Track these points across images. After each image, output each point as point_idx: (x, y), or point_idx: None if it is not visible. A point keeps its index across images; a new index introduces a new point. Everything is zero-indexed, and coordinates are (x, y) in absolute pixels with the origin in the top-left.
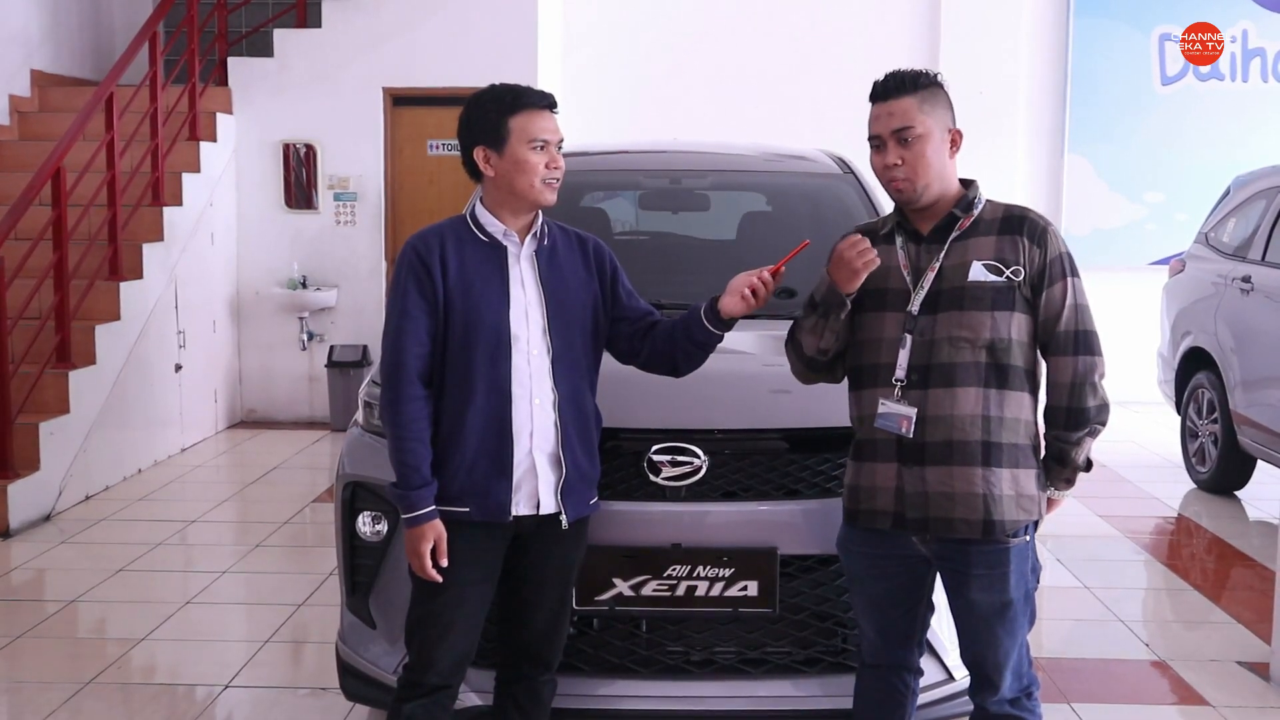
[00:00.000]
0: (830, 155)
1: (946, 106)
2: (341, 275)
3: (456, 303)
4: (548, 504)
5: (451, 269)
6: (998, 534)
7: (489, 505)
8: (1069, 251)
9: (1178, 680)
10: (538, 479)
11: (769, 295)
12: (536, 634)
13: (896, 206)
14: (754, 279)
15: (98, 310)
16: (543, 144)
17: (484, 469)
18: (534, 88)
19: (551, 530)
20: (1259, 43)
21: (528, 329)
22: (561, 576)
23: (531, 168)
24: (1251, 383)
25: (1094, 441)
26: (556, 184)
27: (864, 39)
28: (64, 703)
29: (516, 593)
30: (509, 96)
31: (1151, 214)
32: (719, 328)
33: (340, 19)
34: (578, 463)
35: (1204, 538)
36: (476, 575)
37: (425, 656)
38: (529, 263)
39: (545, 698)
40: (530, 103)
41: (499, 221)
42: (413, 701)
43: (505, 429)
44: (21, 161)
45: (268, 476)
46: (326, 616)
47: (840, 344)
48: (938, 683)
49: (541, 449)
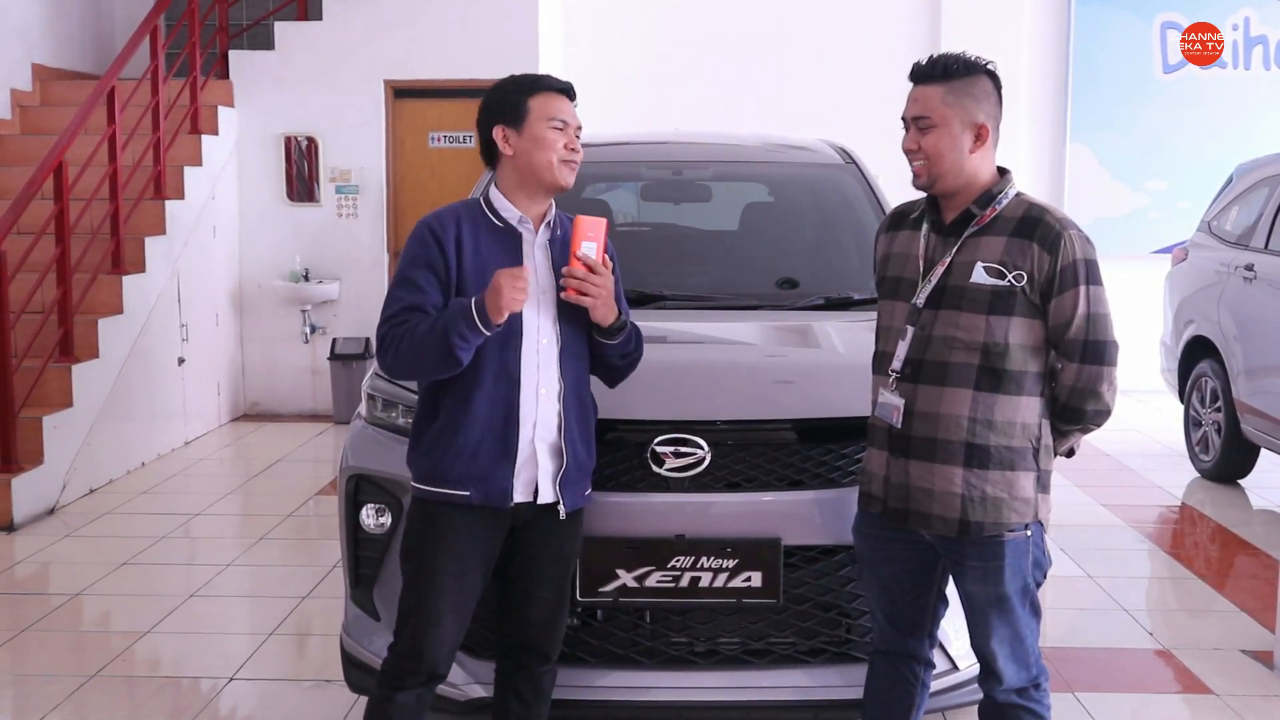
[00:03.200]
0: (832, 145)
1: (981, 99)
2: (343, 268)
3: (470, 286)
4: (546, 493)
5: (467, 251)
6: (974, 534)
7: (491, 490)
8: (1089, 258)
9: (1182, 669)
10: (538, 467)
11: (589, 281)
12: (535, 625)
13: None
14: (569, 284)
15: (100, 304)
16: (562, 124)
17: (488, 453)
18: (553, 75)
19: (548, 520)
20: (1261, 30)
21: (538, 317)
22: (559, 568)
23: (549, 144)
24: (1254, 371)
25: (1084, 436)
26: (575, 167)
27: (866, 26)
28: (68, 696)
29: (514, 585)
30: (530, 79)
31: (1154, 202)
32: (605, 336)
33: (341, 11)
34: (577, 453)
35: (1207, 526)
36: (471, 564)
37: (417, 645)
38: (542, 251)
39: (546, 687)
40: (550, 85)
41: (514, 207)
42: (406, 691)
43: (511, 415)
44: (23, 156)
45: (271, 469)
46: (330, 609)
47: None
48: (943, 672)
49: (543, 438)
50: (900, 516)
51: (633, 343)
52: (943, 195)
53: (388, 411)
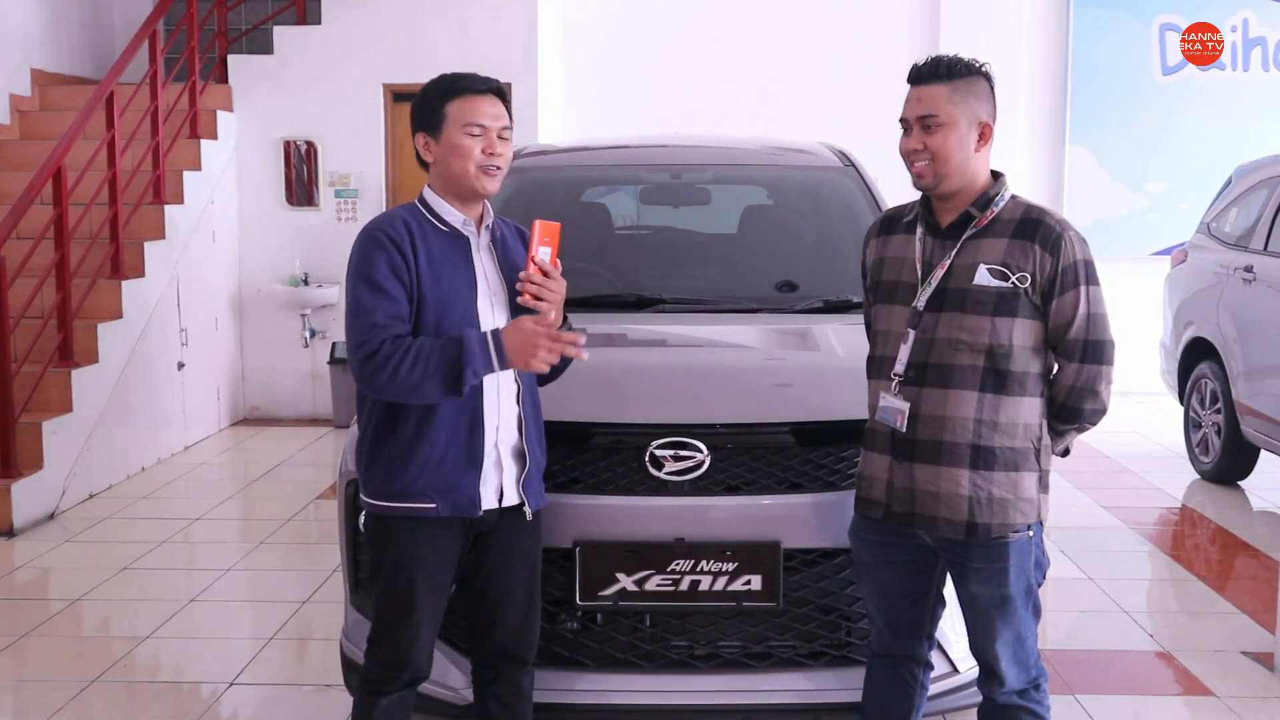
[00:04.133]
0: (831, 148)
1: (982, 98)
2: (343, 272)
3: (428, 292)
4: (510, 496)
5: (421, 257)
6: (981, 536)
7: (459, 500)
8: (1087, 258)
9: (1182, 671)
10: (502, 472)
11: (545, 286)
12: (510, 632)
13: (922, 195)
14: (526, 289)
15: (100, 309)
16: (479, 129)
17: (453, 462)
18: (479, 75)
19: (511, 524)
20: (1260, 31)
21: (493, 320)
22: (528, 571)
23: (464, 151)
24: (1254, 372)
25: (1079, 435)
26: (497, 172)
27: (864, 28)
28: (68, 701)
29: (485, 594)
30: (449, 82)
31: (1153, 204)
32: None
33: (340, 16)
34: (535, 454)
35: (1207, 528)
36: (441, 577)
37: (400, 657)
38: (488, 253)
39: (526, 688)
40: (468, 88)
41: (456, 211)
42: (389, 695)
43: (477, 421)
44: (22, 161)
45: (271, 474)
46: (330, 613)
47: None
48: (943, 674)
49: (506, 441)
50: (905, 520)
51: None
52: (942, 197)
53: None
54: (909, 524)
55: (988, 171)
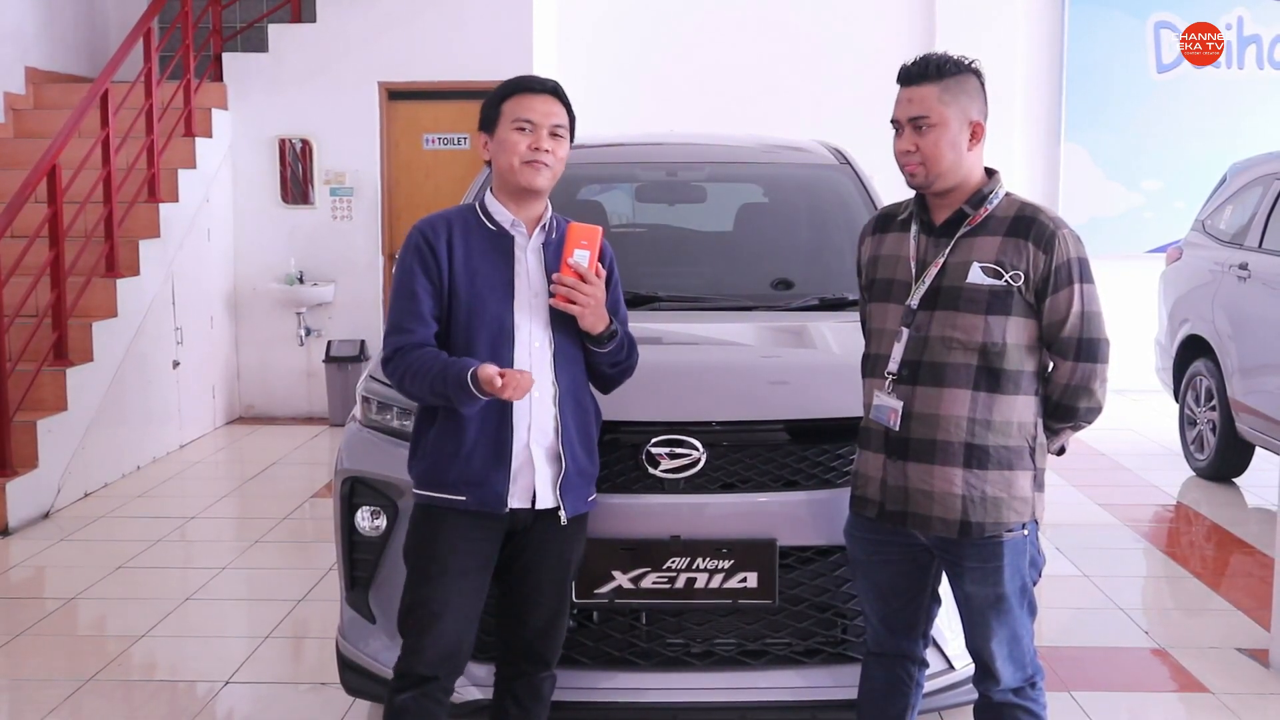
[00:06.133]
0: (827, 146)
1: (973, 96)
2: (338, 270)
3: (460, 290)
4: (545, 499)
5: (458, 255)
6: (975, 535)
7: (485, 495)
8: (1081, 256)
9: (1177, 667)
10: (534, 473)
11: (578, 289)
12: (535, 631)
13: (916, 193)
14: (558, 291)
15: (95, 307)
16: (528, 125)
17: (481, 457)
18: (539, 76)
19: (549, 526)
20: (1254, 29)
21: (530, 321)
22: (559, 574)
23: (511, 146)
24: (1249, 370)
25: (1074, 433)
26: (543, 167)
27: (860, 26)
28: (64, 700)
29: (514, 590)
30: (510, 84)
31: (1149, 202)
32: (594, 344)
33: (335, 13)
34: (576, 458)
35: (1203, 525)
36: (469, 565)
37: (414, 644)
38: (535, 255)
39: (545, 693)
40: (524, 87)
41: (507, 211)
42: (405, 693)
43: (505, 420)
44: (17, 159)
45: (266, 472)
46: (326, 611)
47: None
48: (939, 672)
49: (539, 442)
50: (898, 519)
51: (624, 352)
52: (936, 195)
53: (382, 414)
54: (903, 523)
55: (981, 169)
